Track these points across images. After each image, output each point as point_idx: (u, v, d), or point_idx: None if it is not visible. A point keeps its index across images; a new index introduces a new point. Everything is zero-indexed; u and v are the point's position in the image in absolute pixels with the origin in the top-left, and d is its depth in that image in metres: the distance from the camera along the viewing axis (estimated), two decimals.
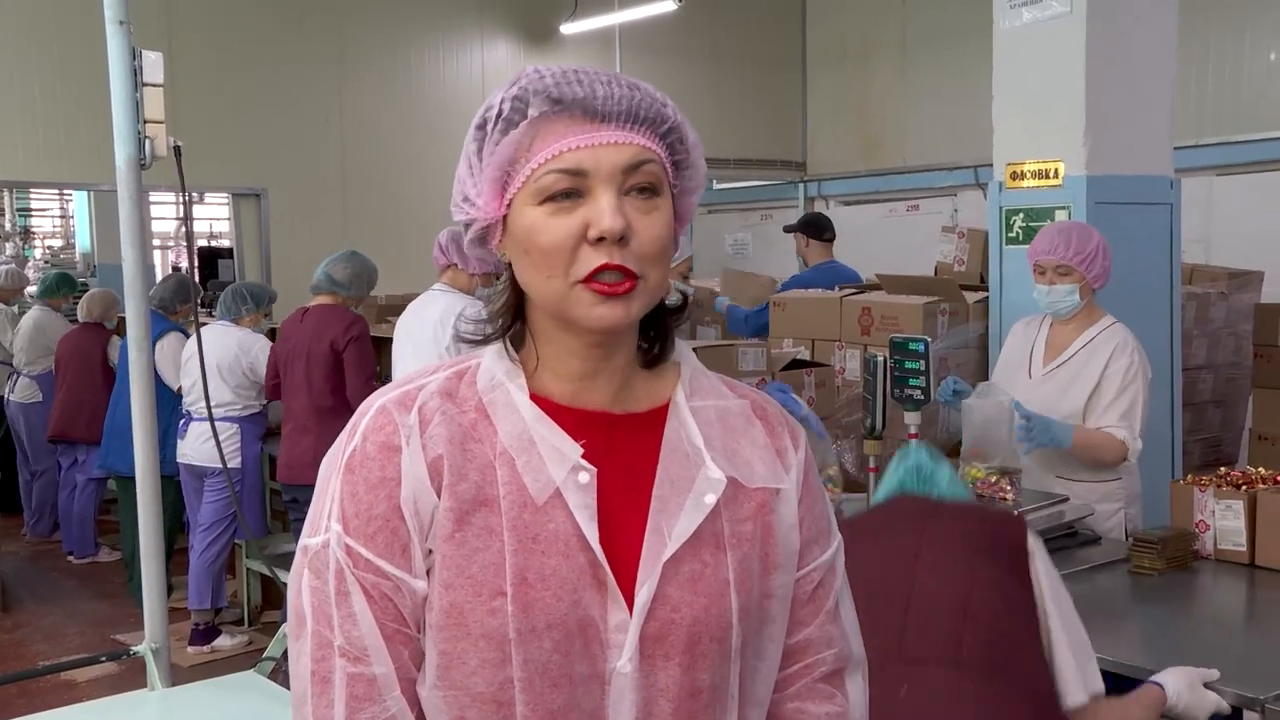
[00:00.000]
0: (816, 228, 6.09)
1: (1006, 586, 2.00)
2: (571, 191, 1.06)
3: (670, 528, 1.11)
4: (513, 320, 1.16)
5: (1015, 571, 2.02)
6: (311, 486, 1.16)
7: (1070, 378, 3.41)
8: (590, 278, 1.05)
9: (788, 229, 6.39)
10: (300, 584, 1.12)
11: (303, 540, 1.13)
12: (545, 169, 1.07)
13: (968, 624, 1.93)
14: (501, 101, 1.09)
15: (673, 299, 1.20)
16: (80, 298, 7.26)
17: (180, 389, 5.60)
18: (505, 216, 1.11)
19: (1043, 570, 2.04)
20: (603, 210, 1.05)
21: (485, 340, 1.16)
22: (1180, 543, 3.08)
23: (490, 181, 1.10)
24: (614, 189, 1.06)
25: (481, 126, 1.11)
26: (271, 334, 6.52)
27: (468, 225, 1.14)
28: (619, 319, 1.07)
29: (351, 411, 1.15)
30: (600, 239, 1.05)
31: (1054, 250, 3.36)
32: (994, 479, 3.13)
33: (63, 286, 7.74)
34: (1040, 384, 3.44)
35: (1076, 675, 1.96)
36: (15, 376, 7.43)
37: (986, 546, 2.04)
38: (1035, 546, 2.05)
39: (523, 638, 1.06)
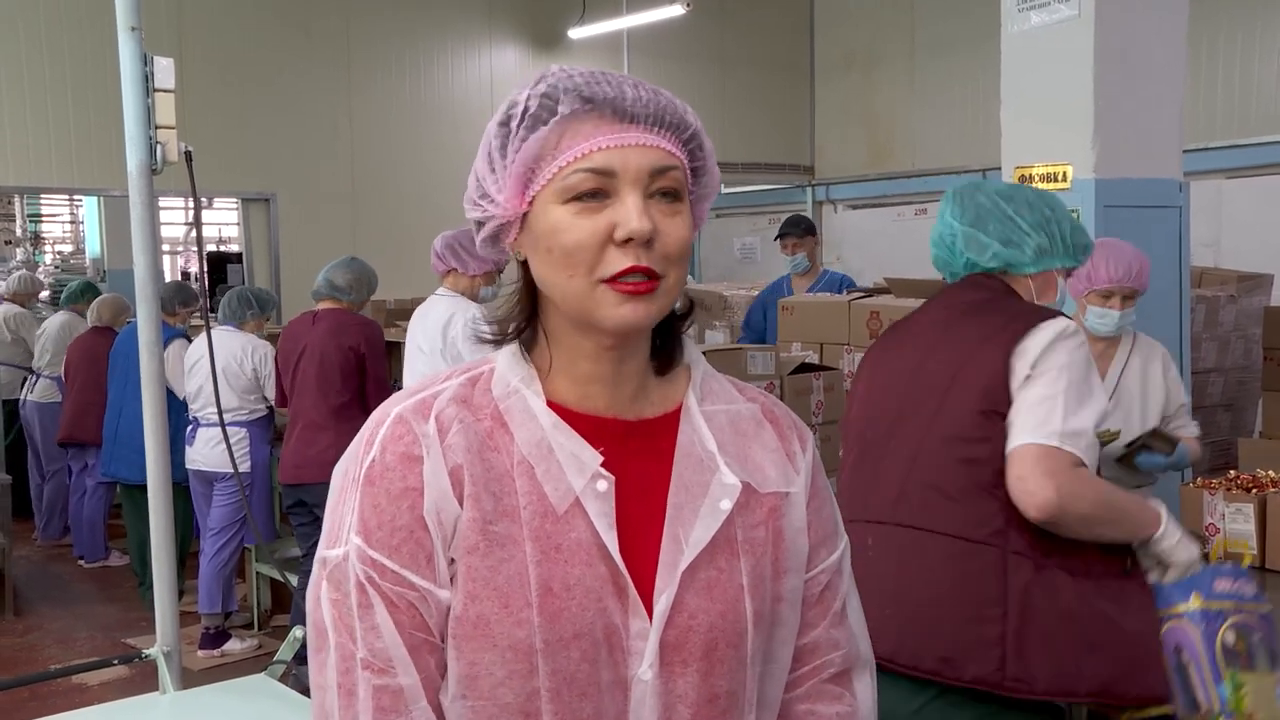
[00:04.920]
0: (813, 227, 5.83)
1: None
2: (598, 192, 1.05)
3: (687, 535, 1.10)
4: (527, 320, 1.14)
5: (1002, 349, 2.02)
6: (320, 485, 1.16)
7: (1137, 397, 3.31)
8: (615, 278, 1.05)
9: (787, 236, 5.77)
10: (319, 596, 1.10)
11: (320, 552, 1.12)
12: (573, 168, 1.06)
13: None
14: (528, 98, 1.08)
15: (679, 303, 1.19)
16: None
17: (186, 395, 5.60)
18: (525, 214, 1.10)
19: (1050, 351, 1.99)
20: (630, 212, 1.04)
21: (504, 340, 1.15)
22: None
23: (514, 178, 1.08)
24: (640, 191, 1.05)
25: (505, 123, 1.09)
26: (273, 339, 6.54)
27: (481, 223, 1.13)
28: (641, 318, 1.06)
29: (365, 412, 1.14)
30: (628, 240, 1.04)
31: (1131, 277, 3.17)
32: None
33: (87, 293, 7.80)
34: (1111, 410, 3.38)
35: (1031, 424, 1.94)
36: (35, 377, 7.49)
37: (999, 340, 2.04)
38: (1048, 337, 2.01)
39: (550, 648, 1.05)
